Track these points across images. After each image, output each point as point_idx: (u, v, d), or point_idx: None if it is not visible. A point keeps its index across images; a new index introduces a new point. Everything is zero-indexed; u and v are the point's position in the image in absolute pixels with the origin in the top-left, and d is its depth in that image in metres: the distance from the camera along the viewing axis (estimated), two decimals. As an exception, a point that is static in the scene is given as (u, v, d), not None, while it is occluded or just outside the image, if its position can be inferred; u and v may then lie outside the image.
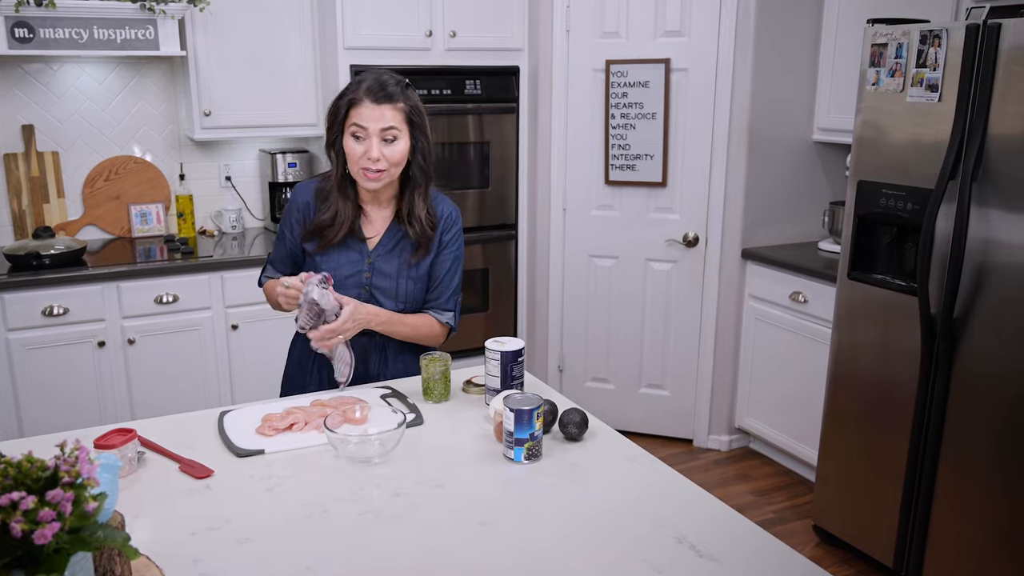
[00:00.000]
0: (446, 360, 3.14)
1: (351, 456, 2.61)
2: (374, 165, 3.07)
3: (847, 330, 4.57)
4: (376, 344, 3.36)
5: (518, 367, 3.06)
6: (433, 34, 5.63)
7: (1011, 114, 3.69)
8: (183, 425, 2.90)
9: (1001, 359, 3.80)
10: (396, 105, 3.08)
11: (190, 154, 6.04)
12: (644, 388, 6.28)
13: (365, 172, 3.10)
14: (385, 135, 3.07)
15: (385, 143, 3.07)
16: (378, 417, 2.77)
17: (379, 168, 3.08)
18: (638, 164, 5.86)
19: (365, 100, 3.06)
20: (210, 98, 5.54)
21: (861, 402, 4.53)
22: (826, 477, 4.80)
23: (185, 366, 5.33)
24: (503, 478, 2.55)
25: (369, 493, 2.42)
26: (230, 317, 5.37)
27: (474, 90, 5.85)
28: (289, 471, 2.56)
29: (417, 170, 3.21)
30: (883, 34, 4.23)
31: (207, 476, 2.52)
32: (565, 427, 2.81)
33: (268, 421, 2.86)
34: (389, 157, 3.09)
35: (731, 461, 6.00)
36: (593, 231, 6.12)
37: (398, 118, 3.08)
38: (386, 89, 3.09)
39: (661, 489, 2.49)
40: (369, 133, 3.05)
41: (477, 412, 3.04)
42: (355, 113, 3.07)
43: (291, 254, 3.37)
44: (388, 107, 3.07)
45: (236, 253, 5.47)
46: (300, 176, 6.03)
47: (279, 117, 5.77)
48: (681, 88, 5.72)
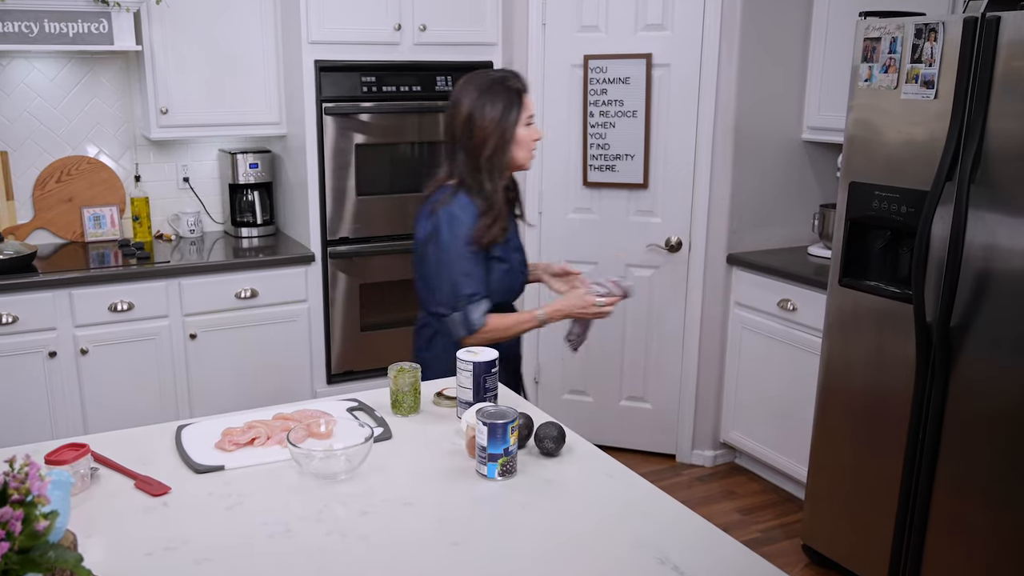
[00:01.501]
0: (416, 371, 3.14)
1: (316, 472, 2.61)
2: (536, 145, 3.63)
3: (838, 340, 4.58)
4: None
5: (492, 379, 3.07)
6: (402, 27, 5.64)
7: (1011, 112, 3.67)
8: (139, 440, 2.90)
9: (1001, 370, 3.79)
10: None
11: (146, 154, 6.02)
12: (624, 401, 6.28)
13: (532, 154, 3.61)
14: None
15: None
16: (344, 431, 2.77)
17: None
18: (618, 165, 5.87)
19: (524, 91, 3.56)
20: (167, 95, 5.53)
21: (853, 416, 4.53)
22: (816, 494, 4.81)
23: (141, 377, 5.30)
24: (476, 496, 2.55)
25: (335, 511, 2.42)
26: (188, 326, 5.36)
27: (445, 86, 5.85)
28: (250, 488, 2.56)
29: None
30: (876, 27, 4.23)
31: (164, 493, 2.52)
32: (541, 442, 2.82)
33: (228, 435, 2.85)
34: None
35: (716, 477, 6.01)
36: (570, 235, 6.12)
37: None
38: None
39: (642, 507, 2.49)
40: (533, 118, 3.59)
41: (448, 426, 3.04)
42: (525, 103, 3.55)
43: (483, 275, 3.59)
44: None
45: (195, 258, 5.47)
46: (262, 177, 6.04)
47: (240, 115, 5.77)
48: (663, 84, 5.73)
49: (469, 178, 3.50)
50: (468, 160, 3.50)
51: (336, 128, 5.60)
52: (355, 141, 5.66)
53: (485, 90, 3.49)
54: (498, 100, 3.48)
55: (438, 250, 3.51)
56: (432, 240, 3.53)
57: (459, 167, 3.53)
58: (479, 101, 3.47)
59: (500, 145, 3.48)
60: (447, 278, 3.52)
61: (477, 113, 3.46)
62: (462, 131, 3.50)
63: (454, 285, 3.51)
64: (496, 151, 3.48)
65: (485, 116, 3.47)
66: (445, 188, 3.56)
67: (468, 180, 3.50)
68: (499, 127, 3.47)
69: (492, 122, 3.47)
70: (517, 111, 3.50)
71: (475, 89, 3.50)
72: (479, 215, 3.48)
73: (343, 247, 5.78)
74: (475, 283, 3.51)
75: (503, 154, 3.50)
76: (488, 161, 3.48)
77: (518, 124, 3.50)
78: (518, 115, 3.50)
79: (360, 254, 5.83)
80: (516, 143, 3.51)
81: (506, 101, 3.48)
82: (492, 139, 3.46)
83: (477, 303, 3.51)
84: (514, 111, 3.49)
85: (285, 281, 5.60)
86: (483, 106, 3.47)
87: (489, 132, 3.47)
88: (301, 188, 5.75)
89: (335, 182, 5.67)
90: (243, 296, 5.45)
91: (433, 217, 3.53)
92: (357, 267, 5.83)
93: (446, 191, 3.54)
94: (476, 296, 3.51)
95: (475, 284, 3.51)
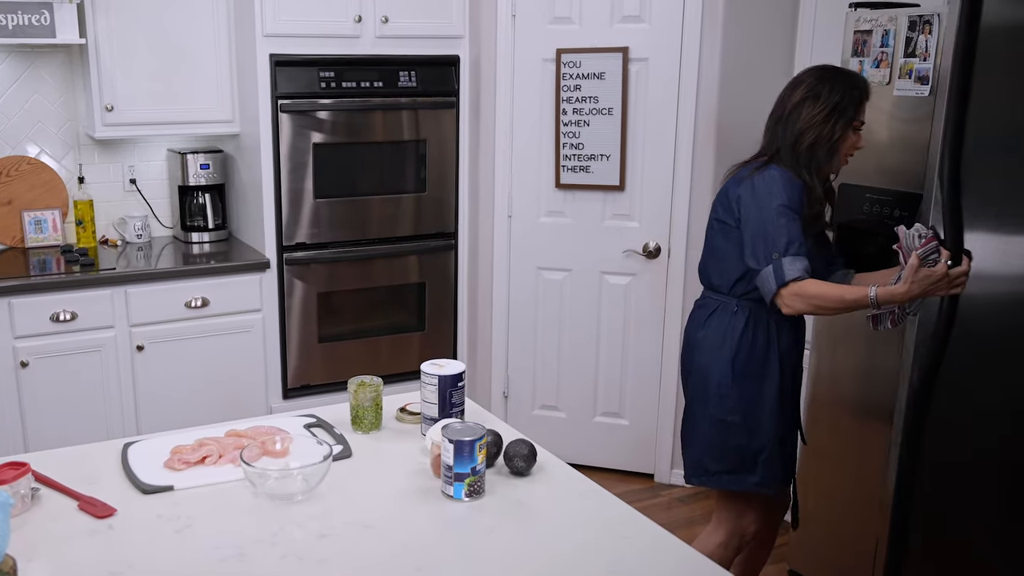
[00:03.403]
0: (377, 385, 3.15)
1: (271, 493, 2.62)
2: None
3: (827, 352, 4.59)
4: None
5: (458, 393, 3.08)
6: (363, 19, 5.64)
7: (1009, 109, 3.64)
8: (82, 458, 2.90)
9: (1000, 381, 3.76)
10: None
11: (91, 154, 6.00)
12: (599, 417, 6.29)
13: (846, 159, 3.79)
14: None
15: None
16: (301, 449, 2.78)
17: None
18: (592, 165, 5.88)
19: (866, 98, 3.72)
20: (113, 92, 5.50)
21: (842, 433, 4.53)
22: (804, 515, 4.81)
23: (85, 392, 5.28)
24: (441, 518, 2.56)
25: (291, 534, 2.43)
26: (135, 337, 5.34)
27: (409, 82, 5.86)
28: (201, 509, 2.56)
29: None
30: (867, 20, 4.23)
31: (109, 515, 2.52)
32: (511, 460, 2.83)
33: (177, 453, 2.86)
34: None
35: (697, 499, 6.01)
36: (542, 240, 6.12)
37: None
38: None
39: (619, 530, 2.51)
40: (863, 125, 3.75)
41: (412, 444, 3.05)
42: (862, 110, 3.70)
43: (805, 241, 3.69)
44: None
45: (142, 265, 5.46)
46: (213, 179, 6.01)
47: (190, 113, 5.74)
48: (641, 80, 5.74)
49: (788, 159, 3.73)
50: (788, 144, 3.74)
51: (292, 126, 5.60)
52: (313, 140, 5.66)
53: (828, 79, 3.71)
54: (835, 95, 3.67)
55: (754, 207, 3.70)
56: (747, 202, 3.74)
57: (777, 144, 3.78)
58: (817, 89, 3.68)
59: (818, 141, 3.68)
60: (761, 234, 3.67)
61: (810, 100, 3.69)
62: (790, 112, 3.75)
63: (767, 238, 3.65)
64: (815, 145, 3.69)
65: (816, 106, 3.68)
66: (753, 163, 3.83)
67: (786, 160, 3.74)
68: (826, 122, 3.67)
69: (821, 115, 3.67)
70: (850, 113, 3.67)
71: (818, 76, 3.72)
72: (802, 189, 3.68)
73: (300, 253, 5.77)
74: (791, 236, 3.62)
75: (821, 150, 3.69)
76: (808, 152, 3.69)
77: (847, 127, 3.68)
78: (850, 118, 3.68)
79: (318, 261, 5.82)
80: (839, 144, 3.70)
81: (842, 99, 3.65)
82: (813, 132, 3.69)
83: (793, 257, 3.60)
84: (848, 112, 3.67)
85: (238, 289, 5.59)
86: (818, 96, 3.67)
87: (814, 124, 3.68)
88: (255, 190, 5.75)
89: (291, 184, 5.66)
90: (193, 305, 5.44)
91: (747, 182, 3.76)
92: (315, 274, 5.83)
93: (756, 164, 3.80)
94: (791, 249, 3.61)
95: (791, 237, 3.62)
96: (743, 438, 3.84)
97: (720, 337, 3.85)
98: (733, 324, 3.82)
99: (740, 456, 3.86)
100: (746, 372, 3.81)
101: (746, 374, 3.81)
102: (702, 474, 3.97)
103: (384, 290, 6.06)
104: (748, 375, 3.81)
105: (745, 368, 3.81)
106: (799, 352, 3.96)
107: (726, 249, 3.85)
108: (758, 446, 3.84)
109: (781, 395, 3.83)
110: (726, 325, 3.83)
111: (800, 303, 3.58)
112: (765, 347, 3.81)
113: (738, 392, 3.82)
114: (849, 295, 3.56)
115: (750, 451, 3.85)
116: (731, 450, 3.87)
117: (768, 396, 3.81)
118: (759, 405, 3.82)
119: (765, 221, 3.64)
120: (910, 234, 3.56)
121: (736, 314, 3.83)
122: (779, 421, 3.84)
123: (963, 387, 3.87)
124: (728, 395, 3.83)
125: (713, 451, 3.91)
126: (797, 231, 3.61)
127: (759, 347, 3.80)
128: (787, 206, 3.61)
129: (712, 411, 3.89)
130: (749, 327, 3.80)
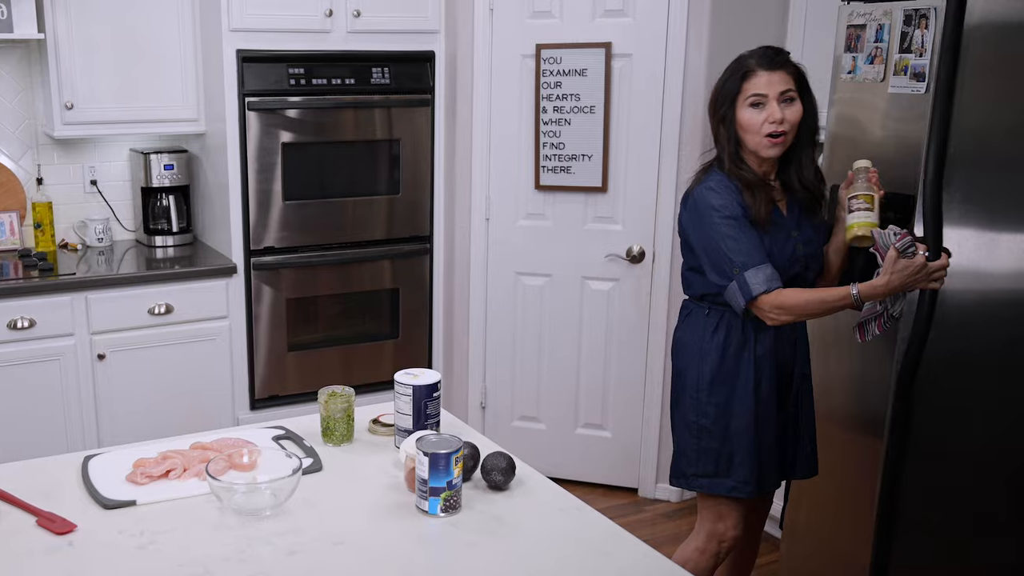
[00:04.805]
0: (349, 396, 3.15)
1: (238, 508, 2.62)
2: (779, 127, 3.64)
3: (818, 361, 4.56)
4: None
5: (433, 404, 3.09)
6: (334, 13, 5.64)
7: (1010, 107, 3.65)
8: (41, 471, 2.90)
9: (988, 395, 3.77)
10: (787, 69, 3.71)
11: (49, 154, 5.99)
12: (581, 428, 6.29)
13: (769, 138, 3.66)
14: (783, 97, 3.66)
15: (784, 104, 3.66)
16: (269, 462, 2.78)
17: (782, 130, 3.65)
18: (574, 166, 5.89)
19: (759, 69, 3.67)
20: (73, 89, 5.50)
21: (836, 444, 4.52)
22: (794, 530, 4.81)
23: (43, 402, 5.26)
24: (416, 534, 2.57)
25: (259, 551, 2.43)
26: (96, 345, 5.34)
27: (382, 79, 5.87)
28: (165, 525, 2.56)
29: (808, 132, 3.77)
30: (860, 14, 4.22)
31: (69, 531, 2.52)
32: (488, 474, 2.84)
33: (140, 467, 2.86)
34: (790, 118, 3.66)
35: (683, 514, 6.01)
36: (521, 244, 6.12)
37: (791, 81, 3.69)
38: (776, 56, 3.72)
39: (601, 546, 2.51)
40: (768, 98, 3.64)
41: (386, 457, 3.06)
42: (750, 84, 3.67)
43: (762, 245, 3.72)
44: (781, 72, 3.68)
45: (103, 270, 5.45)
46: (178, 180, 6.00)
47: (154, 111, 5.74)
48: (624, 77, 5.74)
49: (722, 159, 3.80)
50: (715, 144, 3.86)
51: (260, 125, 5.60)
52: (282, 139, 5.66)
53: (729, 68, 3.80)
54: (722, 78, 3.78)
55: (699, 228, 3.79)
56: (692, 223, 3.84)
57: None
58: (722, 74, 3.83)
59: (718, 121, 3.78)
60: (714, 250, 3.73)
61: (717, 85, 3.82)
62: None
63: (721, 254, 3.71)
64: (718, 127, 3.79)
65: (712, 97, 3.81)
66: (696, 174, 3.92)
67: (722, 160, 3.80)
68: (718, 108, 3.77)
69: (712, 103, 3.80)
70: (733, 89, 3.71)
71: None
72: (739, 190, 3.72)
73: (268, 258, 5.77)
74: (746, 249, 3.67)
75: (729, 139, 3.75)
76: (724, 146, 3.77)
77: (736, 103, 3.70)
78: (734, 92, 3.71)
79: (287, 265, 5.82)
80: (739, 125, 3.70)
81: (727, 79, 3.76)
82: (714, 122, 3.82)
83: (755, 269, 3.65)
84: (732, 89, 3.72)
85: (204, 295, 5.59)
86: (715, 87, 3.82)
87: (714, 114, 3.80)
88: (221, 192, 5.74)
89: (259, 185, 5.66)
90: (157, 312, 5.43)
91: (689, 199, 3.86)
92: (284, 280, 5.83)
93: (695, 175, 3.91)
94: (751, 262, 3.66)
95: (746, 250, 3.67)
96: (715, 442, 3.90)
97: (694, 340, 3.94)
98: (705, 328, 3.90)
99: (715, 460, 3.91)
100: (719, 376, 3.86)
101: (719, 379, 3.86)
102: (679, 476, 4.04)
103: (356, 296, 6.07)
104: (721, 380, 3.86)
105: (718, 372, 3.87)
106: (787, 357, 3.96)
107: (690, 260, 3.96)
108: (730, 450, 3.89)
109: (757, 401, 3.87)
110: (699, 329, 3.92)
111: (783, 314, 3.65)
112: (739, 351, 3.86)
113: (711, 396, 3.88)
114: (830, 296, 3.64)
115: (724, 455, 3.90)
116: (705, 453, 3.93)
117: (742, 401, 3.86)
118: (732, 410, 3.87)
119: (714, 238, 3.72)
120: (884, 233, 3.61)
121: (708, 317, 3.90)
122: (755, 427, 3.87)
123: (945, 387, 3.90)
124: (701, 399, 3.91)
125: (689, 454, 3.97)
126: (748, 238, 3.68)
127: (731, 351, 3.85)
128: (728, 216, 3.69)
129: (687, 414, 3.97)
130: (720, 331, 3.86)
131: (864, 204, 3.64)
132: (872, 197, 3.66)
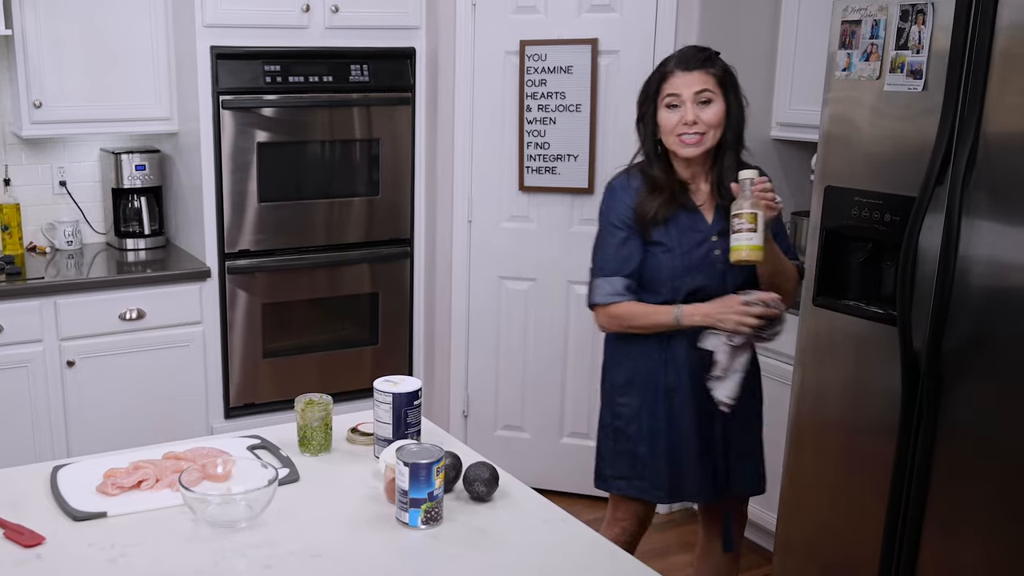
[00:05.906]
0: (327, 404, 3.15)
1: (212, 520, 2.62)
2: (690, 129, 3.70)
3: (812, 368, 4.57)
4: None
5: (414, 412, 3.09)
6: (311, 8, 5.63)
7: (1010, 106, 3.63)
8: (7, 482, 2.89)
9: (999, 404, 3.74)
10: (707, 70, 3.75)
11: (17, 154, 5.97)
12: (566, 438, 6.29)
13: (681, 139, 3.72)
14: (699, 98, 3.71)
15: (700, 106, 3.71)
16: (244, 473, 2.78)
17: (696, 131, 3.71)
18: (559, 166, 5.88)
19: (676, 70, 3.75)
20: (41, 87, 5.48)
21: (830, 456, 4.50)
22: (787, 544, 4.78)
23: (11, 410, 5.25)
24: (396, 547, 2.57)
25: (234, 564, 2.43)
26: (65, 351, 5.33)
27: (361, 76, 5.86)
28: (137, 538, 2.56)
29: (731, 135, 3.83)
30: (855, 9, 4.21)
31: (37, 544, 2.52)
32: (471, 485, 2.84)
33: (111, 477, 2.85)
34: (705, 119, 3.71)
35: (671, 526, 6.01)
36: (505, 247, 6.12)
37: (710, 81, 3.74)
38: (696, 56, 3.78)
39: (586, 560, 2.52)
40: (683, 99, 3.71)
41: (364, 467, 3.06)
42: (667, 84, 3.75)
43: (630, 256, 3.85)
44: (699, 72, 3.73)
45: (73, 274, 5.45)
46: (150, 181, 5.99)
47: (125, 110, 5.73)
48: (611, 75, 5.74)
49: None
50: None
51: (235, 124, 5.59)
52: (257, 139, 5.65)
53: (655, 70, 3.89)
54: (647, 79, 3.87)
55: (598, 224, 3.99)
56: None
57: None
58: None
59: (638, 120, 3.89)
60: (593, 247, 3.97)
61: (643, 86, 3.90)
62: None
63: (592, 256, 3.96)
64: (638, 126, 3.90)
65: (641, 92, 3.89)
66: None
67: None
68: (640, 109, 3.86)
69: (639, 105, 3.88)
70: (652, 86, 3.81)
71: None
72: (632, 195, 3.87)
73: (243, 261, 5.76)
74: (607, 258, 3.89)
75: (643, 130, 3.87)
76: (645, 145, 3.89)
77: (656, 103, 3.78)
78: (653, 92, 3.80)
79: (263, 269, 5.81)
80: (659, 126, 3.78)
81: (649, 81, 3.86)
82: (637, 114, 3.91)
83: (607, 279, 3.87)
84: (651, 91, 3.81)
85: (176, 300, 5.58)
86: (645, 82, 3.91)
87: (637, 106, 3.90)
88: (195, 193, 5.73)
89: (234, 186, 5.65)
90: (128, 317, 5.43)
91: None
92: (259, 284, 5.82)
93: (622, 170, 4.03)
94: (604, 271, 3.88)
95: (606, 259, 3.89)
96: (630, 444, 4.00)
97: (612, 343, 4.06)
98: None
99: (630, 462, 4.01)
100: (633, 380, 3.97)
101: (633, 382, 3.97)
102: (599, 477, 4.18)
103: (334, 301, 6.06)
104: (636, 383, 3.97)
105: (633, 376, 3.97)
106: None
107: None
108: (644, 454, 3.97)
109: (670, 406, 3.93)
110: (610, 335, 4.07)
111: (613, 323, 3.90)
112: (655, 355, 3.92)
113: (623, 398, 4.00)
114: (657, 312, 3.81)
115: (638, 458, 3.99)
116: (621, 455, 4.03)
117: (654, 405, 3.94)
118: (644, 413, 3.96)
119: (597, 236, 3.98)
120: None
121: None
122: (667, 432, 3.94)
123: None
124: (615, 400, 4.04)
125: (606, 456, 4.11)
126: (614, 246, 3.87)
127: (646, 355, 3.93)
128: (613, 223, 3.89)
129: (604, 416, 4.12)
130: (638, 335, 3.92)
131: (746, 224, 3.59)
132: (755, 216, 3.60)
